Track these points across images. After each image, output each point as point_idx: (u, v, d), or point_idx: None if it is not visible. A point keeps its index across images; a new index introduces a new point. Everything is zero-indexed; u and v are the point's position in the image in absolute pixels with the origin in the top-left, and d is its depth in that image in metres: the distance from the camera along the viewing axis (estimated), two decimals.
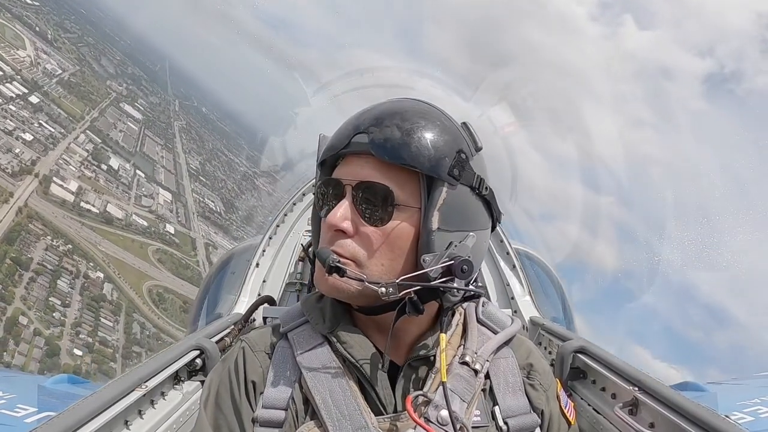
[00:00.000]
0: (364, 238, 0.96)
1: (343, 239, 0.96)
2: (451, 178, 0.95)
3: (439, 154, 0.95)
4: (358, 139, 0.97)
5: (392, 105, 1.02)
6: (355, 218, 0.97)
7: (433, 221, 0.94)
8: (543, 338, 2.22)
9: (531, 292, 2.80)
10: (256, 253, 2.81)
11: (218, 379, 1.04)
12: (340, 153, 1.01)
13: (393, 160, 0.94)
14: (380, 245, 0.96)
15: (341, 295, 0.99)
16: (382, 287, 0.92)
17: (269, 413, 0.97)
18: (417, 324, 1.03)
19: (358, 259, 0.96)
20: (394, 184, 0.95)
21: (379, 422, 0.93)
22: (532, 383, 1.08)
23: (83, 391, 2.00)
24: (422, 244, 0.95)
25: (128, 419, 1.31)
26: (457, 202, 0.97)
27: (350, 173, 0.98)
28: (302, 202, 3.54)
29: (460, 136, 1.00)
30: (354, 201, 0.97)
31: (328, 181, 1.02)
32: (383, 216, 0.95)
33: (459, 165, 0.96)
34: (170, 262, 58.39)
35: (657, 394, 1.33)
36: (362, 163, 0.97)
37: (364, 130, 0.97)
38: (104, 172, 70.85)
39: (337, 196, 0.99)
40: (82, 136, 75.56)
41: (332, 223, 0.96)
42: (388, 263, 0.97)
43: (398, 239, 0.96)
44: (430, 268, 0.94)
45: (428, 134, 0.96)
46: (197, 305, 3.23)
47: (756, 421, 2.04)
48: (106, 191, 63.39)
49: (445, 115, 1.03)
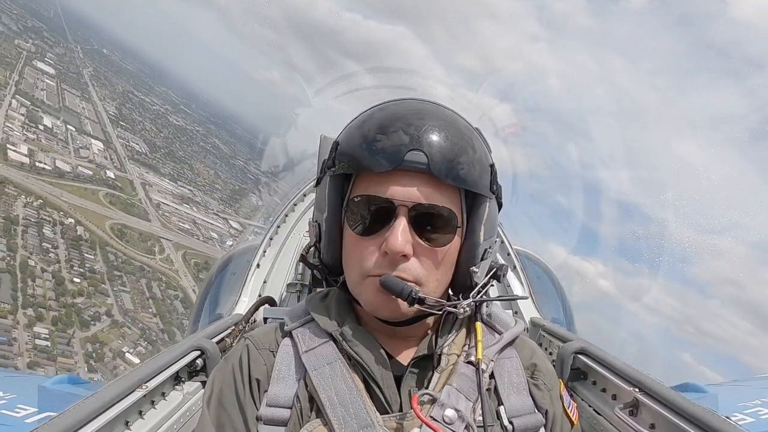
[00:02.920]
0: (423, 258, 0.96)
1: (404, 263, 0.95)
2: (491, 194, 1.01)
3: (482, 170, 0.98)
4: (413, 157, 0.92)
5: (434, 114, 0.99)
6: (414, 240, 0.95)
7: (480, 235, 0.99)
8: (543, 339, 2.22)
9: (532, 293, 2.80)
10: (257, 254, 2.81)
11: (222, 377, 1.03)
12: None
13: (455, 183, 0.95)
14: (439, 264, 0.98)
15: (400, 317, 0.99)
16: (460, 308, 0.97)
17: (274, 411, 0.97)
18: (422, 323, 1.03)
19: (419, 280, 0.96)
20: (450, 204, 0.97)
21: (385, 421, 0.93)
22: (536, 383, 1.08)
23: (83, 391, 2.00)
24: (470, 257, 1.00)
25: (129, 420, 1.31)
26: (493, 214, 1.02)
27: (404, 192, 0.94)
28: (303, 202, 3.54)
29: (487, 147, 1.04)
30: (412, 222, 0.94)
31: (375, 199, 0.95)
32: (446, 238, 0.97)
33: (495, 181, 1.02)
34: (119, 203, 68.62)
35: (657, 395, 1.33)
36: (415, 181, 0.94)
37: (417, 147, 0.92)
38: (43, 132, 77.17)
39: (382, 216, 0.95)
40: (14, 101, 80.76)
41: (396, 250, 0.92)
42: (442, 279, 1.00)
43: (450, 255, 0.99)
44: (483, 279, 1.02)
45: (471, 151, 0.98)
46: (198, 306, 3.23)
47: (756, 423, 2.04)
48: (49, 149, 71.50)
49: (470, 125, 1.05)
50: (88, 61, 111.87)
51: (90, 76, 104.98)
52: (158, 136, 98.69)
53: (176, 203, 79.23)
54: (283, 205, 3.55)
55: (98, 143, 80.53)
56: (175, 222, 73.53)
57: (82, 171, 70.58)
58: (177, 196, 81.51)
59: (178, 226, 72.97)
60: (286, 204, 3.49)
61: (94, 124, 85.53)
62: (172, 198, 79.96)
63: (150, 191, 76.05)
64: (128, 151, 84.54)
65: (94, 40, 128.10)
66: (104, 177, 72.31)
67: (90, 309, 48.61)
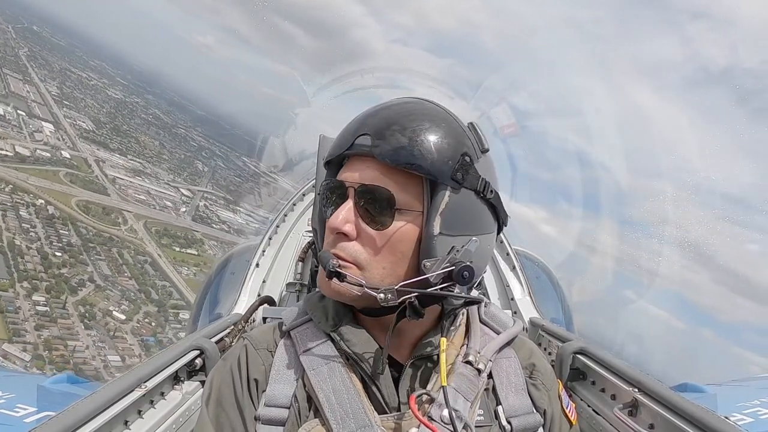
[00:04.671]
0: (366, 241, 0.96)
1: (345, 242, 0.96)
2: (454, 183, 0.94)
3: (442, 157, 0.93)
4: (361, 141, 0.96)
5: (397, 106, 1.01)
6: (358, 221, 0.96)
7: (434, 225, 0.93)
8: (543, 339, 2.22)
9: (531, 293, 2.80)
10: (256, 254, 2.81)
11: (220, 377, 1.04)
12: (344, 154, 1.00)
13: (395, 164, 0.93)
14: (382, 248, 0.95)
15: (342, 299, 0.98)
16: (380, 293, 0.92)
17: (272, 411, 0.97)
18: (420, 323, 1.02)
19: (359, 262, 0.95)
20: (396, 187, 0.94)
21: (383, 420, 0.93)
22: (535, 383, 1.08)
23: (83, 390, 2.00)
24: (423, 249, 0.94)
25: (128, 419, 1.31)
26: (461, 207, 0.95)
27: (353, 175, 0.97)
28: (302, 202, 3.54)
29: (466, 138, 0.99)
30: (356, 204, 0.96)
31: (332, 182, 1.01)
32: (385, 219, 0.95)
33: (463, 169, 0.95)
34: (79, 181, 72.03)
35: (657, 395, 1.33)
36: (365, 165, 0.97)
37: (367, 131, 0.96)
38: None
39: (340, 198, 0.99)
40: None
41: (334, 226, 0.95)
42: (389, 266, 0.96)
43: (400, 243, 0.95)
44: (431, 274, 0.93)
45: (432, 137, 0.94)
46: (197, 305, 3.23)
47: (756, 423, 2.04)
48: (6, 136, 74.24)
49: (452, 116, 1.01)
50: (21, 41, 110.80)
51: (27, 56, 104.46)
52: (101, 112, 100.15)
53: (129, 176, 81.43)
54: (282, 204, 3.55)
55: (49, 125, 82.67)
56: (132, 194, 76.30)
57: (41, 154, 73.54)
58: (129, 170, 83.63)
59: (135, 198, 75.83)
60: (285, 204, 3.49)
61: (41, 107, 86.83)
62: (125, 172, 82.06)
63: (104, 167, 79.33)
64: (77, 129, 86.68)
65: (23, 17, 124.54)
66: (61, 158, 75.60)
67: (75, 277, 54.19)
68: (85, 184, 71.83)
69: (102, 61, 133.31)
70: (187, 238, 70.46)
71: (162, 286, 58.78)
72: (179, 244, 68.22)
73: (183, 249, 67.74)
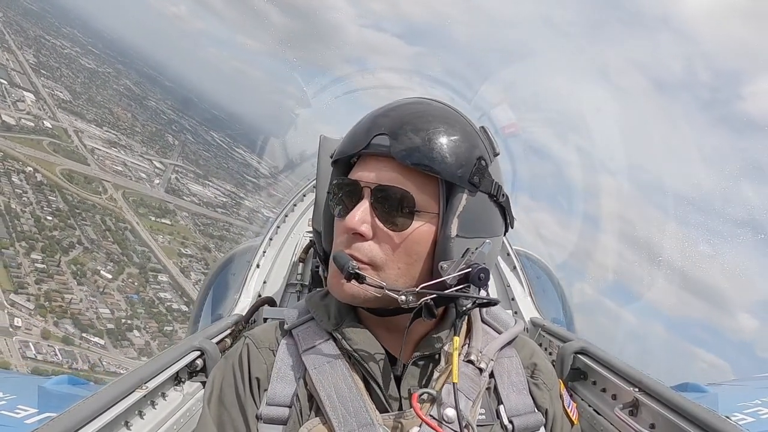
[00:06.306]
0: (382, 241, 0.95)
1: (360, 242, 0.95)
2: (471, 186, 0.94)
3: (460, 160, 0.94)
4: (379, 140, 0.95)
5: (414, 106, 1.00)
6: (374, 221, 0.95)
7: (452, 228, 0.93)
8: (543, 339, 2.23)
9: (531, 293, 2.80)
10: (257, 254, 2.81)
11: (222, 376, 1.03)
12: (358, 153, 0.99)
13: (414, 165, 0.93)
14: (398, 249, 0.94)
15: (356, 301, 0.97)
16: (402, 295, 0.92)
17: (273, 410, 0.96)
18: (424, 322, 1.02)
19: (375, 262, 0.95)
20: (414, 188, 0.94)
21: (385, 419, 0.93)
22: (536, 383, 1.08)
23: (83, 391, 2.00)
24: (440, 251, 0.94)
25: (129, 420, 1.31)
26: (476, 209, 0.96)
27: (369, 175, 0.96)
28: (303, 202, 3.54)
29: (480, 141, 0.99)
30: (373, 204, 0.95)
31: (345, 181, 0.99)
32: (404, 221, 0.94)
33: (479, 172, 0.95)
34: (61, 150, 74.65)
35: (657, 395, 1.33)
36: (382, 165, 0.95)
37: (386, 131, 0.95)
38: None
39: (353, 198, 0.97)
40: None
41: (350, 226, 0.93)
42: (404, 267, 0.95)
43: (416, 244, 0.95)
44: (448, 276, 0.93)
45: (450, 140, 0.94)
46: (198, 306, 3.23)
47: (756, 423, 2.04)
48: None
49: (466, 119, 1.01)
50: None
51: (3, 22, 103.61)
52: (76, 82, 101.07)
53: (106, 147, 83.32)
54: (282, 205, 3.55)
55: (30, 95, 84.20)
56: (109, 165, 78.53)
57: (25, 123, 75.65)
58: (105, 141, 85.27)
59: (112, 169, 78.20)
60: (285, 204, 3.49)
61: (21, 76, 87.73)
62: (102, 143, 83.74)
63: (82, 137, 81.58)
64: (55, 99, 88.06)
65: None
66: (43, 127, 78.18)
67: (66, 240, 58.69)
68: (66, 154, 74.69)
69: (74, 28, 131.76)
70: (161, 208, 73.74)
71: (142, 251, 63.96)
72: (154, 214, 71.75)
73: (158, 219, 71.18)
